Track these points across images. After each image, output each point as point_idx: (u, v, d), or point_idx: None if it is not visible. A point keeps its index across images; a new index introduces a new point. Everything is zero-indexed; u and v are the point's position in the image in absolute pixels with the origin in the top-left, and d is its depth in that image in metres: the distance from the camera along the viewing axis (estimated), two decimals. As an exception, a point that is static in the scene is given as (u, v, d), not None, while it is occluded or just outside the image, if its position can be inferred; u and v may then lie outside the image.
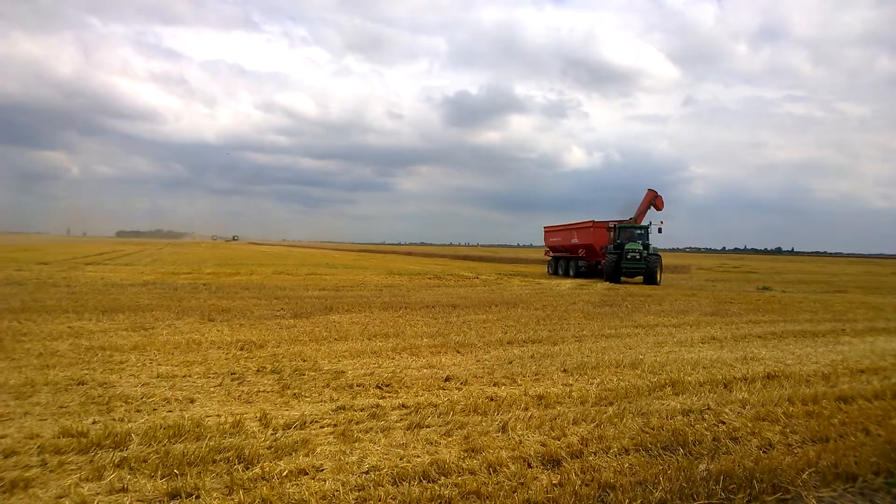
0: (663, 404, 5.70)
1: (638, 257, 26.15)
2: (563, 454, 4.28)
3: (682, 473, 3.98)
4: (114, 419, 4.81)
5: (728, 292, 21.67)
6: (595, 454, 4.34)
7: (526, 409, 5.44)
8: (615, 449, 4.43)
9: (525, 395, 5.93)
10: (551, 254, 34.77)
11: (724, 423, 5.18)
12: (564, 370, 7.19)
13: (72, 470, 3.79)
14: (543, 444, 4.50)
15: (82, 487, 3.52)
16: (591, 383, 6.55)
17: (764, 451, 4.52)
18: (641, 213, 30.22)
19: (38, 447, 4.11)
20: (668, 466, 4.10)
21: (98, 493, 3.46)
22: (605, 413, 5.30)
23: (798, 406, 5.75)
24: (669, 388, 6.34)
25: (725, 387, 6.53)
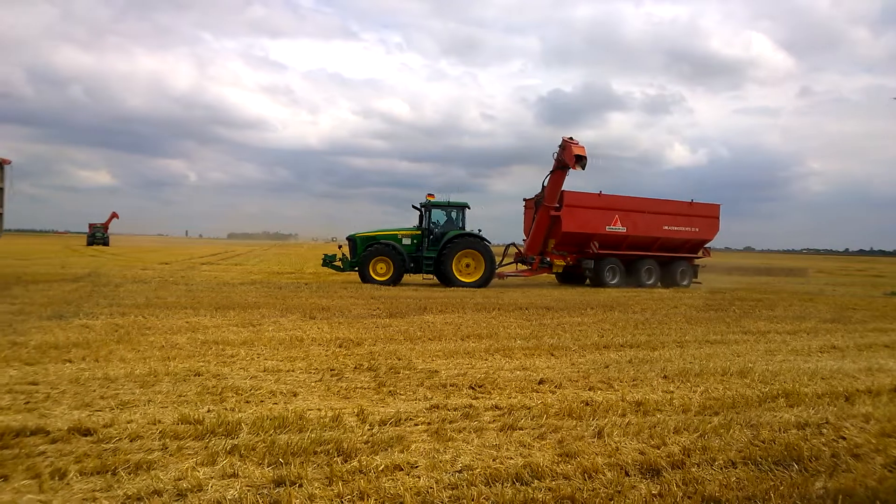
0: (775, 416, 5.33)
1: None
2: (663, 464, 4.10)
3: (796, 490, 3.69)
4: (226, 409, 5.13)
5: (851, 297, 19.93)
6: (698, 465, 4.12)
7: (623, 415, 5.27)
8: (720, 461, 4.19)
9: (622, 400, 5.74)
10: None
11: (844, 438, 4.76)
12: (665, 376, 6.90)
13: (189, 455, 4.08)
14: (642, 453, 4.33)
15: (198, 471, 3.78)
16: (694, 391, 6.24)
17: (889, 470, 4.10)
18: (553, 175, 20.80)
19: (160, 432, 4.45)
20: (781, 482, 3.82)
21: (212, 478, 3.70)
22: (710, 423, 5.03)
23: (934, 424, 5.18)
24: (783, 400, 5.91)
25: (847, 400, 6.00)
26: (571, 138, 20.57)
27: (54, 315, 10.09)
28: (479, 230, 20.01)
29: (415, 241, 19.80)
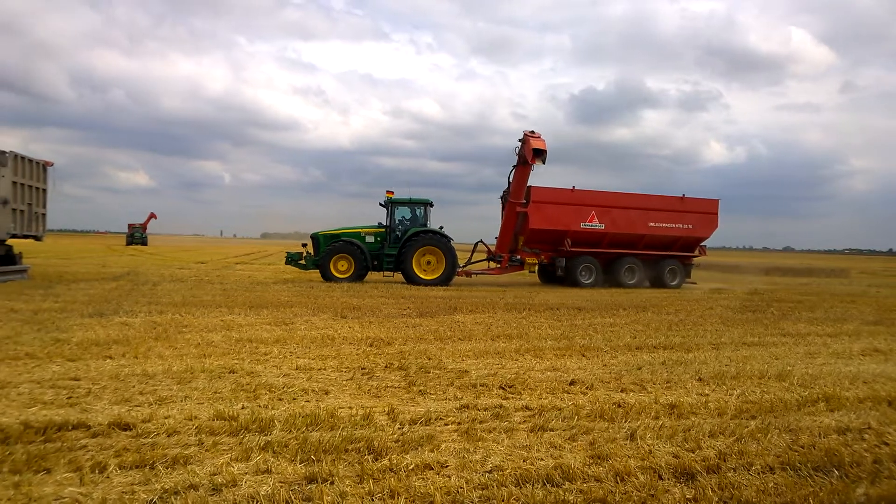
0: (815, 421, 5.18)
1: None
2: (698, 468, 4.03)
3: (836, 497, 3.59)
4: (259, 406, 5.22)
5: (895, 299, 19.26)
6: (734, 470, 4.03)
7: (656, 417, 5.20)
8: (758, 466, 4.10)
9: (655, 403, 5.66)
10: None
11: (887, 444, 4.61)
12: (699, 379, 6.77)
13: (224, 450, 4.16)
14: (676, 456, 4.26)
15: (233, 467, 3.85)
16: (731, 394, 6.11)
17: (938, 480, 3.96)
18: (517, 170, 20.13)
19: (196, 428, 4.55)
20: (820, 488, 3.72)
21: (246, 473, 3.77)
22: (747, 427, 4.92)
23: (985, 431, 4.98)
24: (823, 404, 5.75)
25: (890, 404, 5.81)
26: (533, 132, 19.84)
27: (95, 313, 10.39)
28: (441, 227, 19.88)
29: (378, 239, 19.67)
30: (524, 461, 4.11)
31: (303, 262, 20.04)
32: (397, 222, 19.76)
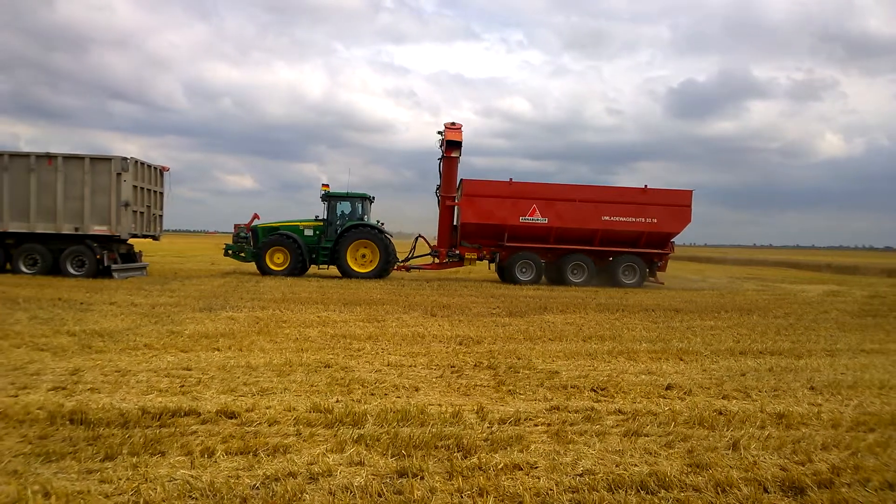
0: (947, 437, 4.69)
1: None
2: (809, 482, 3.75)
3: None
4: (353, 400, 5.39)
5: None
6: (849, 486, 3.72)
7: (762, 427, 4.89)
8: (875, 482, 3.76)
9: (761, 411, 5.32)
10: None
11: None
12: (811, 388, 6.31)
13: (320, 441, 4.34)
14: (783, 469, 3.99)
15: (328, 458, 4.00)
16: (846, 405, 5.65)
17: None
18: (442, 162, 19.85)
19: (294, 419, 4.77)
20: (954, 513, 3.36)
21: (340, 464, 3.91)
22: (864, 440, 4.53)
23: None
24: (956, 419, 5.19)
25: None
26: (454, 123, 19.42)
27: (205, 307, 11.13)
28: (380, 222, 19.70)
29: (317, 233, 19.72)
30: (617, 466, 3.99)
31: (243, 254, 20.29)
32: (337, 216, 19.85)
